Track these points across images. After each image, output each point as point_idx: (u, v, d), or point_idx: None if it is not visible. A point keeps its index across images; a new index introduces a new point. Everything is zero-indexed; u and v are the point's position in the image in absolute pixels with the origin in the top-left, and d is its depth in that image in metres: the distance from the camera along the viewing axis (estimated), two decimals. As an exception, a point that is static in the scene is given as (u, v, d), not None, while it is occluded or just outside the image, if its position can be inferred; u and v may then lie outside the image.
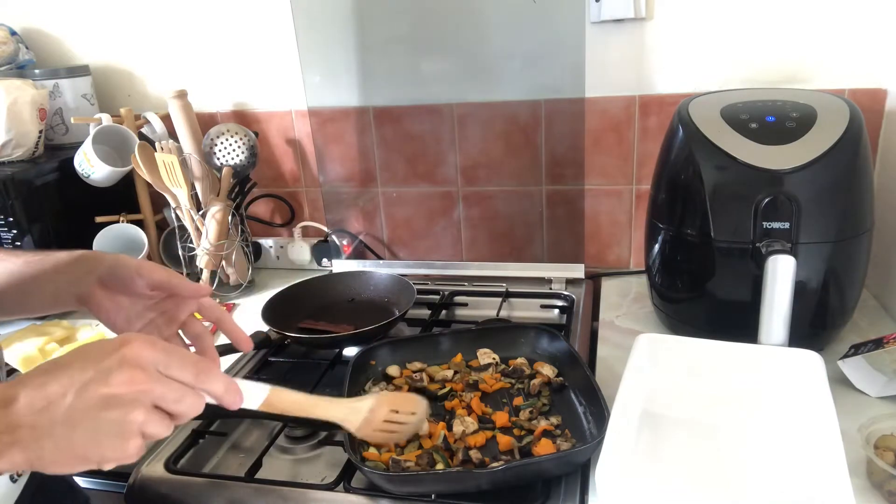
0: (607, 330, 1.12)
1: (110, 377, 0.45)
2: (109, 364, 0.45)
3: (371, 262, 1.42)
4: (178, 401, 0.48)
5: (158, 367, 0.47)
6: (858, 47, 1.11)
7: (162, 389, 0.47)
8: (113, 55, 1.47)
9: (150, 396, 0.46)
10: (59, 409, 0.44)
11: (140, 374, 0.46)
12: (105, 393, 0.44)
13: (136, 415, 0.45)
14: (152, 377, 0.46)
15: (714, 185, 0.91)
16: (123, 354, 0.46)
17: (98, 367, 0.45)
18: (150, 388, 0.46)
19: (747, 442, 0.78)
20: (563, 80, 1.23)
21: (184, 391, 0.49)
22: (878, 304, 1.11)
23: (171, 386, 0.48)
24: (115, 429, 0.45)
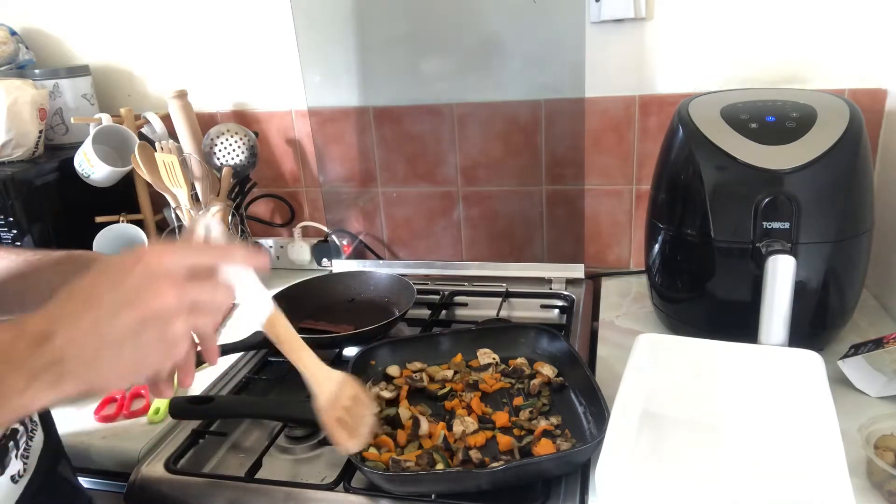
0: (607, 330, 1.12)
1: (140, 296, 0.44)
2: (135, 282, 0.44)
3: (371, 262, 1.42)
4: (211, 298, 0.47)
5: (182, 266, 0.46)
6: (858, 47, 1.11)
7: (192, 293, 0.46)
8: (113, 55, 1.47)
9: (183, 303, 0.45)
10: (98, 337, 0.43)
11: (167, 286, 0.44)
12: (139, 313, 0.44)
13: (175, 326, 0.45)
14: (179, 284, 0.45)
15: (714, 185, 0.91)
16: (145, 269, 0.44)
17: (125, 287, 0.44)
18: (180, 297, 0.45)
19: (747, 442, 0.78)
20: (563, 80, 1.23)
21: (213, 288, 0.48)
22: (878, 304, 1.11)
23: (201, 286, 0.47)
24: (159, 343, 0.45)
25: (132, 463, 0.87)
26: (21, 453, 0.66)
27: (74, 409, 0.99)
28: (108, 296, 0.44)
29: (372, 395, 0.91)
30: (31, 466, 0.68)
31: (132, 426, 0.95)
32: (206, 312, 0.47)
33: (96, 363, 0.44)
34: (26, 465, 0.67)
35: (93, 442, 0.92)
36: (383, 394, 0.91)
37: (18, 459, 0.66)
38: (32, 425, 0.70)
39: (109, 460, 0.90)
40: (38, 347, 0.43)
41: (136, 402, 1.00)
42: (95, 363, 0.44)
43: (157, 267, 0.45)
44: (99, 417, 0.96)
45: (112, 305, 0.44)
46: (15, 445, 0.65)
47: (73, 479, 0.79)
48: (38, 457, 0.70)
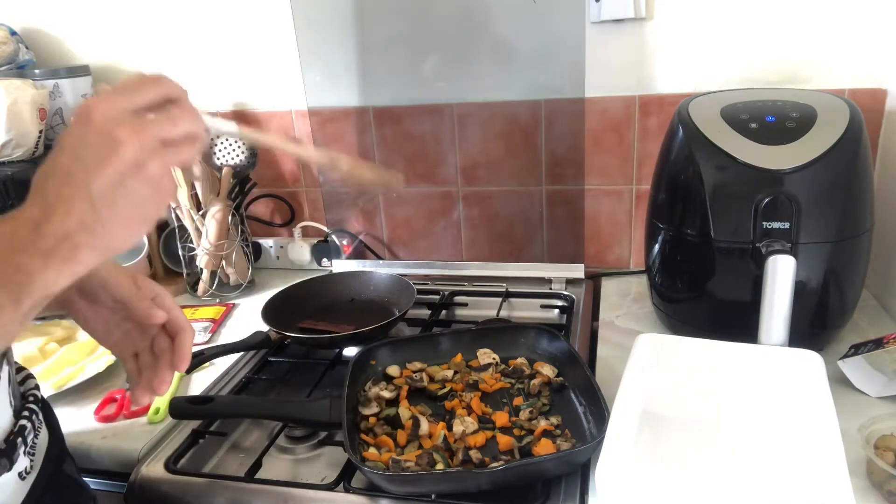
0: (607, 330, 1.12)
1: (103, 155, 0.44)
2: (92, 141, 0.45)
3: (371, 262, 1.42)
4: (174, 124, 0.48)
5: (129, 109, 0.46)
6: (858, 47, 1.11)
7: (151, 130, 0.46)
8: (113, 55, 1.47)
9: (148, 143, 0.46)
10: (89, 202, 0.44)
11: (123, 131, 0.45)
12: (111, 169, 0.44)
13: (150, 168, 0.46)
14: (135, 126, 0.46)
15: (714, 185, 0.91)
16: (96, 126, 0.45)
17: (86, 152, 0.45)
18: (141, 138, 0.45)
19: (747, 442, 0.78)
20: (563, 80, 1.23)
21: (170, 115, 0.48)
22: (878, 304, 1.11)
23: (158, 123, 0.47)
24: (144, 185, 0.46)
25: (132, 463, 0.87)
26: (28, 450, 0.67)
27: (74, 408, 0.99)
28: (77, 164, 0.45)
29: (372, 395, 0.91)
30: (38, 464, 0.69)
31: (132, 426, 0.95)
32: (178, 142, 0.48)
33: (100, 226, 0.45)
34: (33, 462, 0.68)
35: (93, 442, 0.91)
36: (383, 394, 0.91)
37: (26, 456, 0.66)
38: (38, 423, 0.71)
39: (109, 460, 0.90)
40: (40, 229, 0.44)
41: (136, 402, 1.00)
42: (98, 225, 0.45)
43: (105, 120, 0.45)
44: (99, 417, 0.96)
45: (85, 171, 0.44)
46: (23, 442, 0.65)
47: (78, 477, 0.79)
48: (43, 455, 0.70)
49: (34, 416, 0.69)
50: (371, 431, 0.85)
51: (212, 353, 1.08)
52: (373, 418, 0.87)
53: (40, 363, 1.06)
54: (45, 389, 0.99)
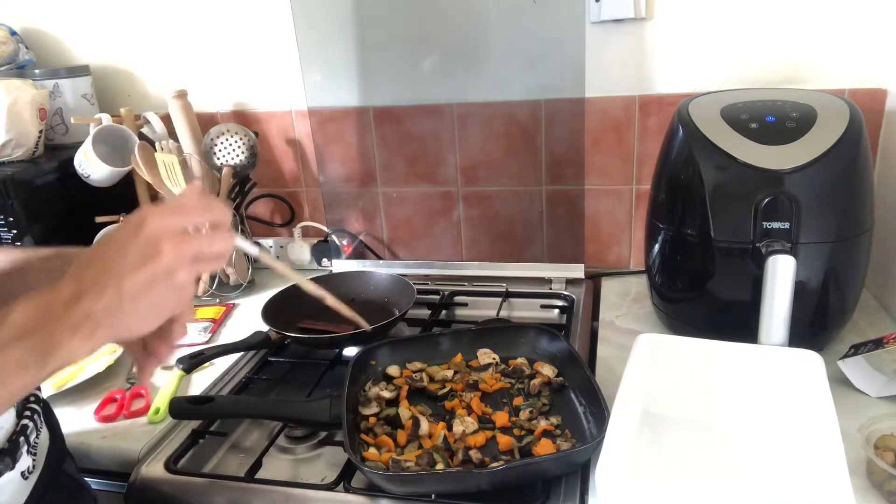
0: (607, 330, 1.12)
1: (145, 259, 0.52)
2: (138, 248, 0.52)
3: (371, 262, 1.42)
4: (210, 245, 0.55)
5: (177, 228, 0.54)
6: (858, 47, 1.11)
7: (191, 247, 0.53)
8: (113, 55, 1.47)
9: (185, 258, 0.53)
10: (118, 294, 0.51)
11: (166, 247, 0.52)
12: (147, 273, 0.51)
13: (180, 276, 0.53)
14: (178, 242, 0.53)
15: (714, 185, 0.91)
16: (146, 234, 0.52)
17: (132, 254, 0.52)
18: (181, 252, 0.53)
19: (747, 442, 0.78)
20: (563, 80, 1.23)
21: (209, 237, 0.56)
22: (878, 304, 1.11)
23: (198, 239, 0.55)
24: (169, 291, 0.53)
25: (132, 463, 0.87)
26: (30, 449, 0.67)
27: (74, 408, 0.99)
28: (119, 260, 0.52)
29: (372, 395, 0.91)
30: (40, 463, 0.69)
31: (132, 426, 0.95)
32: (209, 258, 0.56)
33: (121, 314, 0.51)
34: (35, 461, 0.68)
35: (93, 442, 0.92)
36: (383, 394, 0.91)
37: (28, 456, 0.67)
38: (40, 422, 0.71)
39: (109, 460, 0.90)
40: (72, 306, 0.50)
41: (136, 402, 1.00)
42: (120, 314, 0.51)
43: (155, 232, 0.52)
44: (99, 417, 0.96)
45: (124, 268, 0.52)
46: (26, 441, 0.66)
47: (79, 477, 0.80)
48: (45, 454, 0.71)
49: (35, 415, 0.70)
50: (371, 431, 0.85)
51: (212, 353, 1.08)
52: (373, 418, 0.87)
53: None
54: (46, 389, 0.99)
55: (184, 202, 0.56)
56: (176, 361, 1.06)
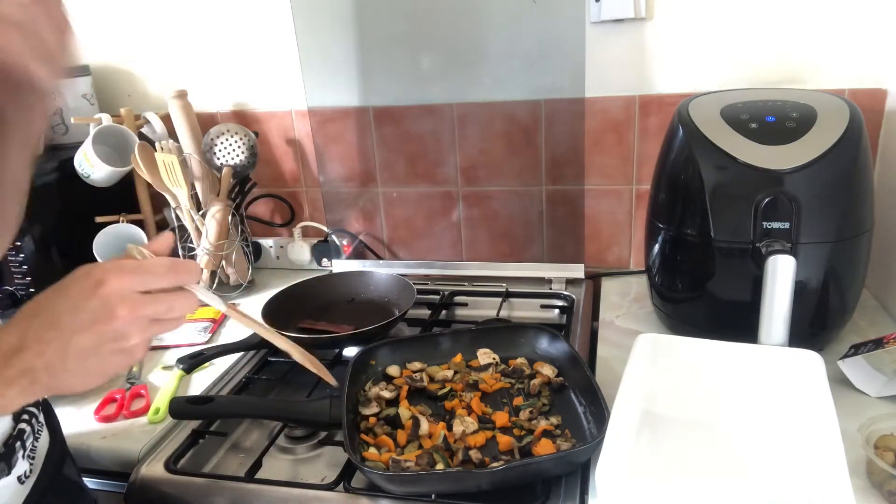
0: (607, 330, 1.12)
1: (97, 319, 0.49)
2: (92, 307, 0.49)
3: (371, 262, 1.42)
4: (169, 310, 0.53)
5: (137, 290, 0.51)
6: (858, 47, 1.11)
7: (149, 310, 0.51)
8: (113, 55, 1.47)
9: (140, 321, 0.51)
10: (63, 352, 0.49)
11: (121, 309, 0.50)
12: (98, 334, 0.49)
13: (132, 340, 0.51)
14: (136, 306, 0.51)
15: (714, 185, 0.91)
16: (102, 295, 0.50)
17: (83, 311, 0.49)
18: (137, 316, 0.51)
19: (747, 442, 0.78)
20: (563, 80, 1.23)
21: (170, 300, 0.53)
22: (878, 304, 1.11)
23: (157, 303, 0.52)
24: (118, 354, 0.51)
25: (132, 463, 0.87)
26: (27, 454, 0.67)
27: (74, 408, 0.99)
28: (68, 317, 0.49)
29: (372, 395, 0.91)
30: (38, 467, 0.69)
31: (132, 426, 0.95)
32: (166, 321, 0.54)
33: (63, 373, 0.49)
34: (32, 465, 0.68)
35: (93, 442, 0.92)
36: (383, 394, 0.91)
37: (25, 460, 0.66)
38: (38, 426, 0.70)
39: (109, 460, 0.90)
40: (11, 359, 0.48)
41: (136, 402, 1.00)
42: (62, 373, 0.49)
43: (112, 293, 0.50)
44: (99, 417, 0.96)
45: (73, 326, 0.49)
46: (22, 446, 0.65)
47: (79, 479, 0.79)
48: (44, 458, 0.70)
49: (34, 419, 0.69)
50: (371, 431, 0.85)
51: (212, 353, 1.09)
52: (373, 418, 0.87)
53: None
54: (45, 389, 0.99)
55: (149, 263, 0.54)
56: (176, 361, 1.06)
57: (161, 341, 1.18)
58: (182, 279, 0.55)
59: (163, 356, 1.14)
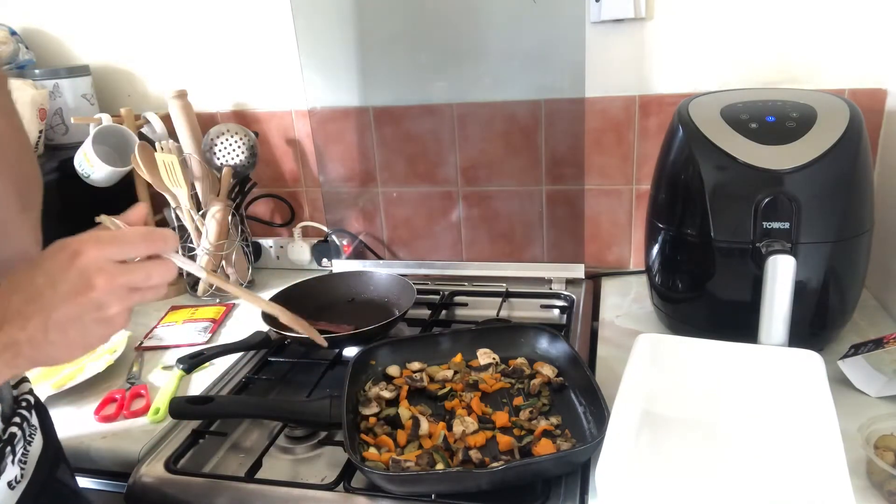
0: (607, 330, 1.12)
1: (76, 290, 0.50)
2: (70, 279, 0.50)
3: (371, 262, 1.42)
4: (147, 278, 0.53)
5: (113, 260, 0.52)
6: (858, 47, 1.11)
7: (126, 278, 0.52)
8: (113, 55, 1.47)
9: (119, 290, 0.51)
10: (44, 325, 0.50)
11: (101, 279, 0.50)
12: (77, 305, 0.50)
13: (112, 309, 0.51)
14: (113, 275, 0.51)
15: (714, 185, 0.91)
16: (80, 266, 0.50)
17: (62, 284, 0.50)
18: (115, 286, 0.51)
19: (747, 442, 0.78)
20: (563, 80, 1.23)
21: (147, 269, 0.53)
22: (878, 304, 1.11)
23: (135, 271, 0.52)
24: (98, 324, 0.51)
25: (132, 463, 0.87)
26: (18, 459, 0.66)
27: (74, 408, 0.99)
28: (48, 290, 0.50)
29: (372, 395, 0.91)
30: (29, 472, 0.68)
31: (132, 426, 0.95)
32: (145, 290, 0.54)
33: (46, 345, 0.50)
34: (24, 470, 0.67)
35: (93, 442, 0.92)
36: (383, 394, 0.91)
37: (15, 465, 0.65)
38: (31, 430, 0.69)
39: (109, 460, 0.90)
40: None
41: (136, 401, 1.00)
42: (45, 345, 0.50)
43: (89, 264, 0.51)
44: (99, 417, 0.96)
45: (53, 299, 0.50)
46: (12, 451, 0.64)
47: (73, 483, 0.78)
48: (36, 462, 0.69)
49: (25, 423, 0.68)
50: (371, 431, 0.85)
51: (212, 353, 1.09)
52: (373, 418, 0.87)
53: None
54: (45, 389, 0.99)
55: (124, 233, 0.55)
56: (176, 361, 1.06)
57: (161, 341, 1.18)
58: (158, 247, 0.55)
59: (163, 356, 1.14)
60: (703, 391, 0.85)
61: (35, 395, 0.73)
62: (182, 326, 1.23)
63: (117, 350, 1.10)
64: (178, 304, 1.34)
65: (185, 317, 1.26)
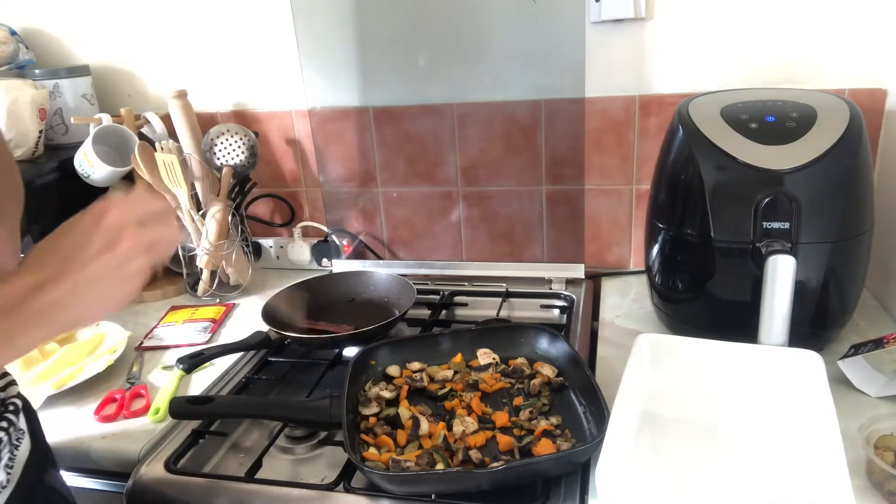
0: (607, 330, 1.12)
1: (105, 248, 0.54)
2: (99, 238, 0.54)
3: (371, 262, 1.42)
4: (163, 234, 0.58)
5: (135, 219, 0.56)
6: (858, 47, 1.11)
7: (145, 238, 0.56)
8: (113, 55, 1.47)
9: (140, 248, 0.55)
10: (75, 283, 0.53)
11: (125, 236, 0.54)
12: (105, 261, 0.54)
13: (134, 265, 0.55)
14: (136, 232, 0.55)
15: (714, 185, 0.91)
16: (106, 225, 0.54)
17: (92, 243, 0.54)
18: (136, 243, 0.55)
19: (747, 442, 0.78)
20: (563, 80, 1.23)
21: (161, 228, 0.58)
22: (878, 304, 1.11)
23: (152, 229, 0.57)
24: (123, 280, 0.55)
25: (132, 463, 0.87)
26: (5, 464, 0.65)
27: (74, 408, 0.99)
28: (77, 252, 0.53)
29: (372, 395, 0.91)
30: (16, 477, 0.67)
31: (132, 426, 0.95)
32: (160, 248, 0.58)
33: (77, 305, 0.53)
34: (10, 475, 0.66)
35: (93, 442, 0.92)
36: (383, 394, 0.91)
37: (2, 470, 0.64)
38: (18, 434, 0.68)
39: (109, 460, 0.90)
40: (30, 297, 0.52)
41: (136, 401, 1.00)
42: (77, 305, 0.53)
43: (114, 222, 0.55)
44: (99, 417, 0.96)
45: (83, 258, 0.53)
46: None
47: (62, 487, 0.77)
48: (23, 466, 0.68)
49: (12, 427, 0.67)
50: (371, 431, 0.85)
51: (212, 353, 1.09)
52: (373, 418, 0.87)
53: (40, 363, 1.06)
54: (45, 389, 0.99)
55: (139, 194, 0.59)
56: (176, 361, 1.06)
57: (161, 341, 1.18)
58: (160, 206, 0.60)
59: (163, 356, 1.14)
60: (703, 391, 0.85)
61: (23, 398, 0.72)
62: (182, 326, 1.23)
63: (117, 350, 1.10)
64: (178, 304, 1.34)
65: (185, 317, 1.26)
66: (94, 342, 1.13)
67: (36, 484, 0.70)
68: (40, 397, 0.98)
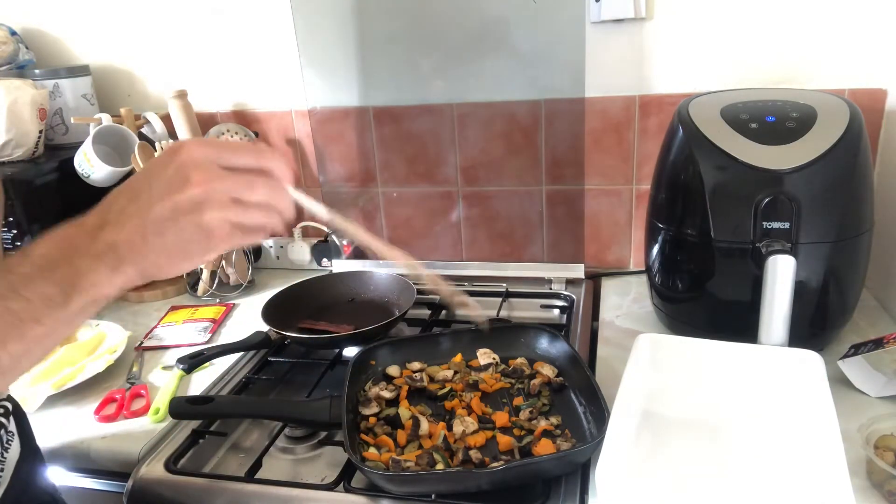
0: (607, 330, 1.12)
1: (170, 187, 0.48)
2: (168, 174, 0.49)
3: (371, 262, 1.42)
4: (250, 187, 0.50)
5: (216, 162, 0.49)
6: (858, 47, 1.11)
7: (225, 184, 0.49)
8: (113, 55, 1.47)
9: (216, 192, 0.48)
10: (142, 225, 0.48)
11: (197, 175, 0.48)
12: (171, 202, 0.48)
13: (207, 214, 0.48)
14: (212, 174, 0.48)
15: (714, 185, 0.91)
16: (178, 162, 0.49)
17: (159, 180, 0.49)
18: (210, 187, 0.48)
19: (747, 442, 0.78)
20: (563, 80, 1.23)
21: (250, 177, 0.50)
22: (878, 304, 1.11)
23: (235, 177, 0.49)
24: (195, 230, 0.49)
25: (132, 463, 0.87)
26: None
27: (74, 408, 0.99)
28: (146, 189, 0.49)
29: (372, 395, 0.91)
30: (6, 478, 0.67)
31: (132, 426, 0.95)
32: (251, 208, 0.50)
33: (144, 249, 0.49)
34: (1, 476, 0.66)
35: (93, 442, 0.92)
36: (383, 394, 0.91)
37: None
38: (9, 436, 0.68)
39: (109, 460, 0.90)
40: (96, 236, 0.49)
41: (136, 401, 1.00)
42: (144, 249, 0.49)
43: (187, 160, 0.49)
44: (99, 417, 0.96)
45: (150, 197, 0.48)
46: None
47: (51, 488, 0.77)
48: (13, 468, 0.68)
49: (2, 430, 0.67)
50: (371, 431, 0.85)
51: (212, 353, 1.08)
52: (373, 418, 0.87)
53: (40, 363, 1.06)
54: (45, 389, 0.99)
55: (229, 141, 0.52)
56: (176, 361, 1.06)
57: (161, 341, 1.18)
58: (265, 162, 0.51)
59: (163, 356, 1.14)
60: (703, 391, 0.85)
61: (14, 401, 0.72)
62: (182, 326, 1.23)
63: (117, 350, 1.10)
64: (178, 304, 1.34)
65: (185, 317, 1.26)
66: (94, 342, 1.13)
67: (27, 486, 0.70)
68: (40, 397, 0.98)
